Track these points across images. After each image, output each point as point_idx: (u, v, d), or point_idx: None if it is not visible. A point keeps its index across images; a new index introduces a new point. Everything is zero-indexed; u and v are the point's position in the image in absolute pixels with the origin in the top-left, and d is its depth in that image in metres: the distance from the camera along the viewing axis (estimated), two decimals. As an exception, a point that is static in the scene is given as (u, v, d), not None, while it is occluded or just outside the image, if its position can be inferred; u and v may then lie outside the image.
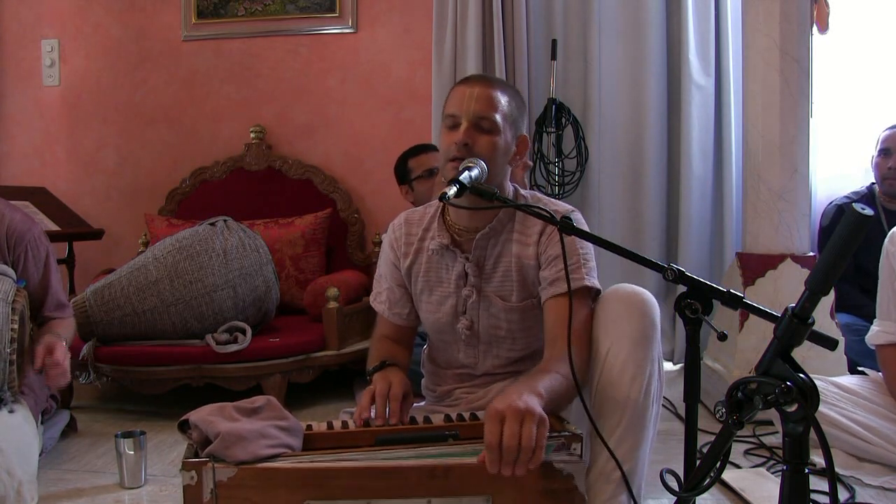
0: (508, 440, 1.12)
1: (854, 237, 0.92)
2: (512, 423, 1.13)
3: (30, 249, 2.00)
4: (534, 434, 1.13)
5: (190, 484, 1.19)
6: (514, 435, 1.13)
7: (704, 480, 1.03)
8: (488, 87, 1.50)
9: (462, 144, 1.45)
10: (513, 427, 1.13)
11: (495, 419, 1.15)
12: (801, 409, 0.93)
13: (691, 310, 1.13)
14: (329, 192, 3.41)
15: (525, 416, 1.14)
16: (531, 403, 1.16)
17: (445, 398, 1.68)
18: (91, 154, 3.68)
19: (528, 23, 3.15)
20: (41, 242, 2.05)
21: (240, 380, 2.51)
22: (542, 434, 1.14)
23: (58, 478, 1.96)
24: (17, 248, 1.98)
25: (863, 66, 3.07)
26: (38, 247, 2.03)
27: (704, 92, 3.10)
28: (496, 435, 1.13)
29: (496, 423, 1.14)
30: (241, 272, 2.58)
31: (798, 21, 2.47)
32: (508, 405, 1.15)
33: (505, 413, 1.14)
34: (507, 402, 1.16)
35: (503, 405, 1.16)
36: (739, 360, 2.42)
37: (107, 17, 3.62)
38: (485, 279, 1.56)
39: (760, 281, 2.47)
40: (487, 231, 1.54)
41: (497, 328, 1.58)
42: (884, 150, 2.75)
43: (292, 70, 3.52)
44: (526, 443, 1.12)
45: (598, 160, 3.21)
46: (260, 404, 1.34)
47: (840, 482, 1.80)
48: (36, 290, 2.01)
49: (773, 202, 2.51)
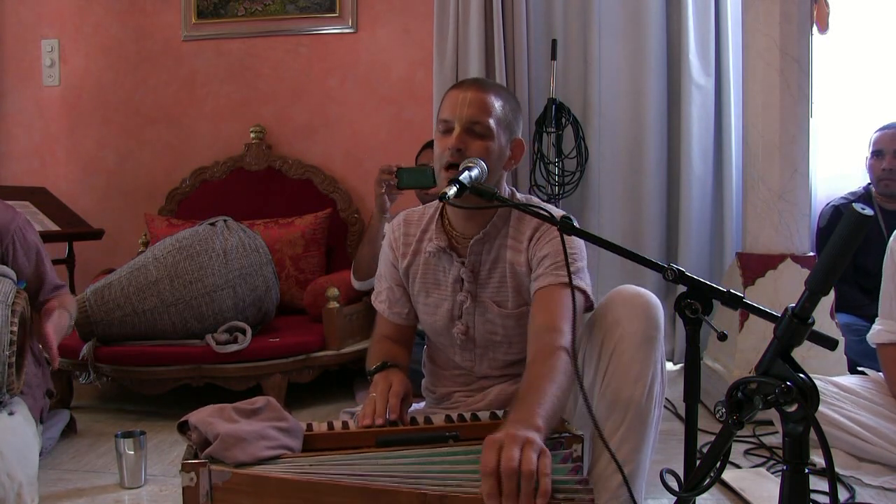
0: (506, 463, 1.02)
1: (854, 237, 0.92)
2: (510, 448, 1.04)
3: (17, 240, 1.96)
4: (534, 459, 1.03)
5: (189, 485, 1.19)
6: (512, 458, 1.02)
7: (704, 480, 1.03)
8: (481, 92, 1.49)
9: (455, 150, 1.45)
10: (511, 451, 1.03)
11: (493, 446, 1.05)
12: (801, 409, 0.93)
13: (691, 310, 1.13)
14: (329, 192, 3.41)
15: (524, 443, 1.05)
16: (531, 436, 1.08)
17: (444, 401, 1.68)
18: (91, 154, 3.68)
19: (528, 23, 3.15)
20: (27, 230, 2.01)
21: (240, 380, 2.51)
22: (544, 463, 1.04)
23: (58, 478, 1.96)
24: (3, 240, 1.94)
25: (863, 66, 3.07)
26: (25, 236, 1.99)
27: (704, 92, 3.10)
28: (492, 462, 1.03)
29: (493, 450, 1.04)
30: (241, 272, 2.58)
31: (798, 21, 2.47)
32: (507, 433, 1.07)
33: (503, 440, 1.06)
34: (506, 432, 1.08)
35: (502, 434, 1.08)
36: (739, 360, 2.42)
37: (107, 17, 3.62)
38: (480, 285, 1.56)
39: (760, 281, 2.47)
40: (482, 236, 1.53)
41: (493, 333, 1.57)
42: (876, 152, 2.75)
43: (292, 70, 3.52)
44: (526, 467, 1.02)
45: (598, 160, 3.21)
46: (260, 405, 1.34)
47: (840, 482, 1.80)
48: (31, 279, 1.99)
49: (773, 202, 2.51)
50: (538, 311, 1.43)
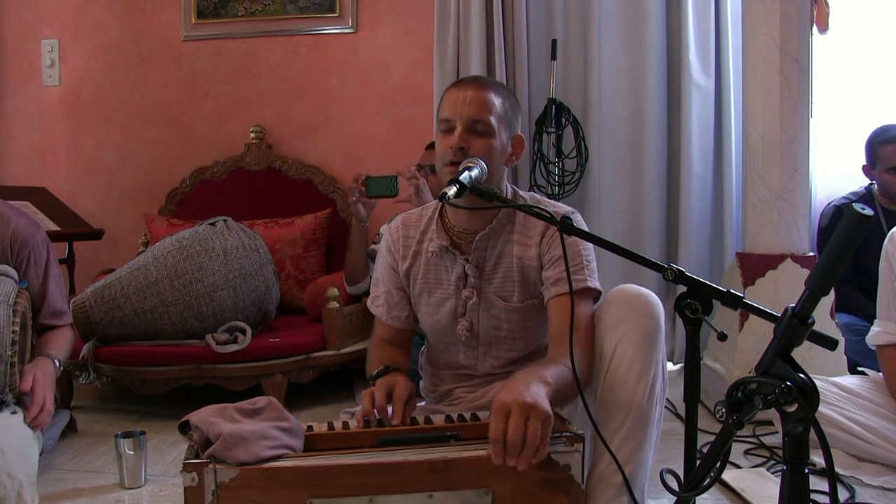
0: (513, 436, 1.12)
1: (854, 237, 0.92)
2: (517, 419, 1.13)
3: (32, 255, 2.00)
4: (538, 431, 1.13)
5: (191, 485, 1.19)
6: (518, 431, 1.13)
7: (704, 480, 1.03)
8: (481, 90, 1.50)
9: (458, 148, 1.46)
10: (518, 422, 1.13)
11: (501, 413, 1.15)
12: (801, 409, 0.93)
13: (691, 310, 1.13)
14: (329, 192, 3.41)
15: (531, 412, 1.14)
16: (538, 397, 1.17)
17: (445, 398, 1.68)
18: (91, 154, 3.68)
19: (528, 23, 3.15)
20: (44, 248, 2.05)
21: (240, 380, 2.51)
22: (546, 432, 1.14)
23: (58, 478, 1.96)
24: (20, 253, 1.98)
25: (863, 66, 3.07)
26: (41, 253, 2.03)
27: (704, 92, 3.10)
28: (501, 431, 1.13)
29: (501, 418, 1.14)
30: (241, 272, 2.58)
31: (798, 21, 2.48)
32: (515, 398, 1.15)
33: (511, 407, 1.14)
34: (514, 395, 1.16)
35: (510, 397, 1.16)
36: (739, 360, 2.42)
37: (107, 17, 3.62)
38: (485, 280, 1.56)
39: (760, 281, 2.47)
40: (487, 232, 1.54)
41: (497, 329, 1.58)
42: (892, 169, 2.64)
43: (292, 70, 3.52)
44: (530, 440, 1.12)
45: (598, 160, 3.21)
46: (261, 405, 1.34)
47: (840, 482, 1.80)
48: (34, 296, 2.01)
49: (773, 202, 2.51)
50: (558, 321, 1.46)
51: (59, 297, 2.11)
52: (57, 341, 2.06)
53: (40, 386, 1.83)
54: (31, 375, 1.83)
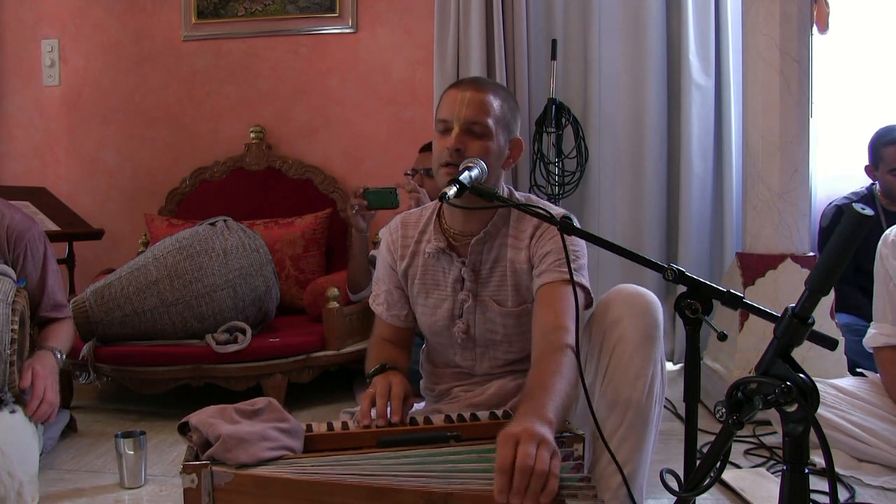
0: (523, 459, 1.04)
1: (854, 237, 0.92)
2: (527, 445, 1.06)
3: (29, 249, 2.01)
4: (547, 459, 1.05)
5: (191, 487, 1.18)
6: (529, 455, 1.04)
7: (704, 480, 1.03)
8: (480, 92, 1.49)
9: (454, 150, 1.45)
10: (527, 448, 1.05)
11: (509, 443, 1.07)
12: (800, 409, 0.93)
13: (691, 310, 1.13)
14: (329, 192, 3.41)
15: (540, 441, 1.07)
16: (544, 432, 1.10)
17: (444, 397, 1.68)
18: (91, 154, 3.68)
19: (528, 23, 3.15)
20: (40, 242, 2.05)
21: (240, 380, 2.51)
22: (555, 464, 1.06)
23: (58, 478, 1.96)
24: (16, 248, 1.99)
25: (863, 66, 3.07)
26: (37, 246, 2.04)
27: (704, 92, 3.10)
28: (509, 458, 1.05)
29: (510, 447, 1.06)
30: (241, 272, 2.58)
31: (798, 21, 2.47)
32: (524, 429, 1.08)
33: (520, 436, 1.07)
34: (523, 426, 1.09)
35: (518, 429, 1.09)
36: (739, 360, 2.42)
37: (107, 17, 3.62)
38: (481, 284, 1.56)
39: (760, 281, 2.47)
40: (482, 236, 1.54)
41: (493, 332, 1.57)
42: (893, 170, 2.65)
43: (292, 70, 3.52)
44: (539, 466, 1.04)
45: (598, 160, 3.21)
46: (261, 406, 1.34)
47: (840, 482, 1.80)
48: (33, 290, 2.02)
49: (773, 202, 2.51)
50: (542, 308, 1.43)
51: (59, 290, 2.12)
52: (58, 334, 2.06)
53: (39, 379, 1.84)
54: (30, 371, 1.83)
